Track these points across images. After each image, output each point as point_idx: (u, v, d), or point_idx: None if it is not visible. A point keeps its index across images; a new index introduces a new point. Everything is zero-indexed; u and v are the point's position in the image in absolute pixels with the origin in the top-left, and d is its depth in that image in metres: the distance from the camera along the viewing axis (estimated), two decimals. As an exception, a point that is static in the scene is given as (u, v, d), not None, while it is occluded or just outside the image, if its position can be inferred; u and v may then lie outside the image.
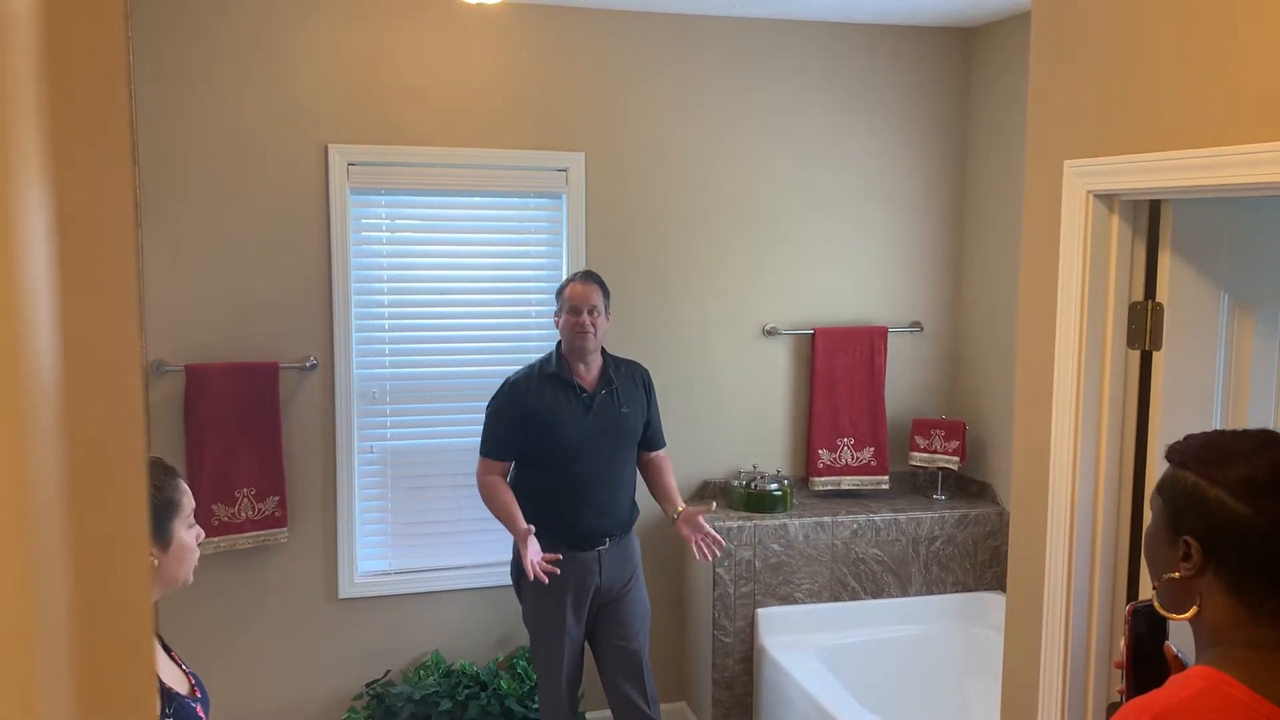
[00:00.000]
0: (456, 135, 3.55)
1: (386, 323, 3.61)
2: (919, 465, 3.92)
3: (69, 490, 0.37)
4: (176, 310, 3.36)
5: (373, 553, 3.67)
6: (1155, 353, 2.00)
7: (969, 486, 3.98)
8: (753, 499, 3.66)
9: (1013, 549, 2.25)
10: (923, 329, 4.03)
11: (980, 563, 3.79)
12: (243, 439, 3.38)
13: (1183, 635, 1.35)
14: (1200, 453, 1.27)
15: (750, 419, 3.90)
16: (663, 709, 3.62)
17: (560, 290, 3.19)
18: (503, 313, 3.69)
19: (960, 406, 4.05)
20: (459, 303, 3.65)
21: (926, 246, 4.01)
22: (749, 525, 3.55)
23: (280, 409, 3.43)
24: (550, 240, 3.72)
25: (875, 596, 3.69)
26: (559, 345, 3.21)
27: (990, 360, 3.89)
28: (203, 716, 1.74)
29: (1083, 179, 2.00)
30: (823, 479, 3.88)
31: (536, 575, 2.94)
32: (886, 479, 3.91)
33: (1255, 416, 2.02)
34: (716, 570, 3.54)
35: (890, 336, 3.94)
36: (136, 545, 0.43)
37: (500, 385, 3.22)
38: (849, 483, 3.89)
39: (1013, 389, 2.29)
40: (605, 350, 3.25)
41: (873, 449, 3.90)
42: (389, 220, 3.60)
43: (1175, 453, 1.32)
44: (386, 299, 3.59)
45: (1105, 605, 2.06)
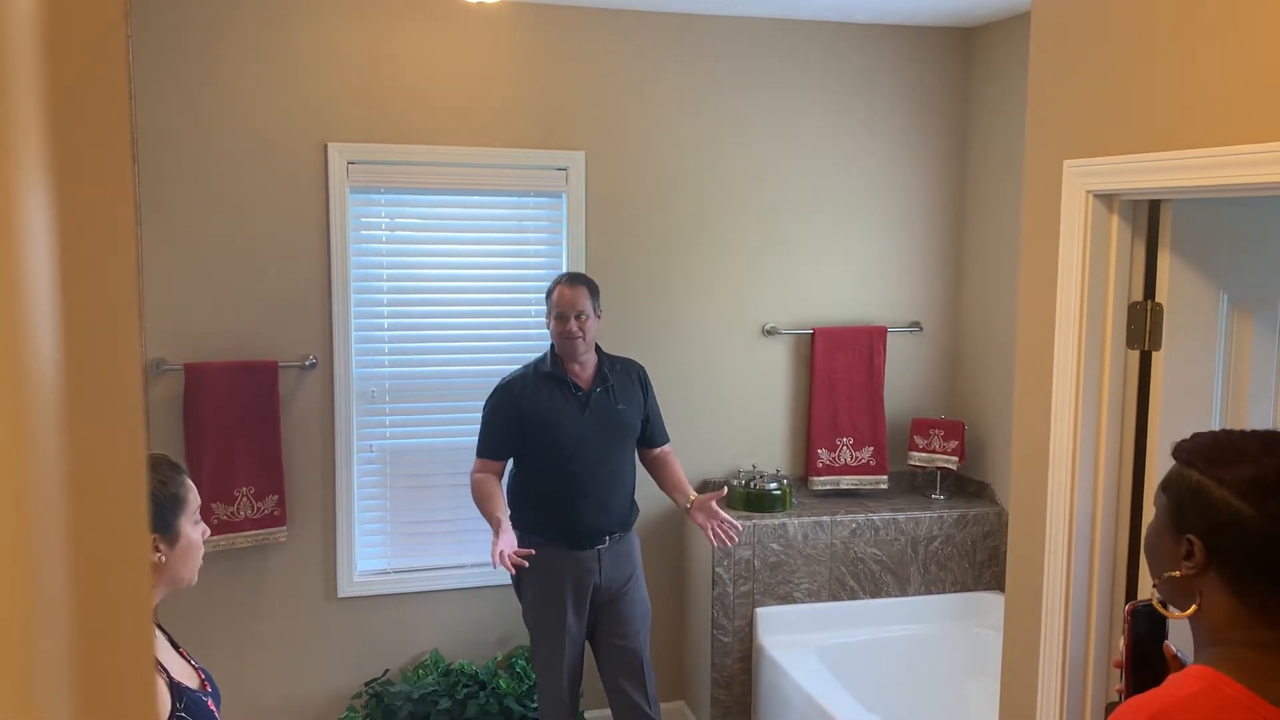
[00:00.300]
0: (456, 134, 3.54)
1: (386, 321, 3.61)
2: (918, 465, 3.92)
3: (68, 489, 0.37)
4: (176, 309, 3.35)
5: (372, 552, 3.67)
6: (1155, 353, 2.00)
7: (968, 486, 3.98)
8: (752, 498, 3.66)
9: (1011, 549, 2.25)
10: (922, 329, 4.03)
11: (979, 562, 3.79)
12: (242, 438, 3.38)
13: (1182, 635, 1.35)
14: (1207, 451, 1.27)
15: (749, 418, 3.90)
16: (661, 708, 3.62)
17: (549, 293, 3.18)
18: (502, 312, 3.69)
19: (959, 406, 4.05)
20: (459, 302, 3.65)
21: (926, 246, 4.01)
22: (748, 525, 3.55)
23: (279, 408, 3.43)
24: (550, 239, 3.72)
25: (874, 596, 3.69)
26: (553, 344, 3.21)
27: (989, 360, 3.89)
28: (215, 710, 1.72)
29: (1082, 179, 2.00)
30: (822, 479, 3.88)
31: (504, 566, 2.93)
32: (885, 479, 3.91)
33: (1255, 417, 2.02)
34: (715, 570, 3.54)
35: (890, 336, 3.94)
36: (136, 544, 0.43)
37: (496, 385, 3.22)
38: (848, 482, 3.89)
39: (1012, 389, 2.29)
40: (600, 348, 3.25)
41: (872, 449, 3.90)
42: (389, 219, 3.60)
43: (1181, 450, 1.31)
44: (386, 298, 3.59)
45: (1104, 605, 2.06)
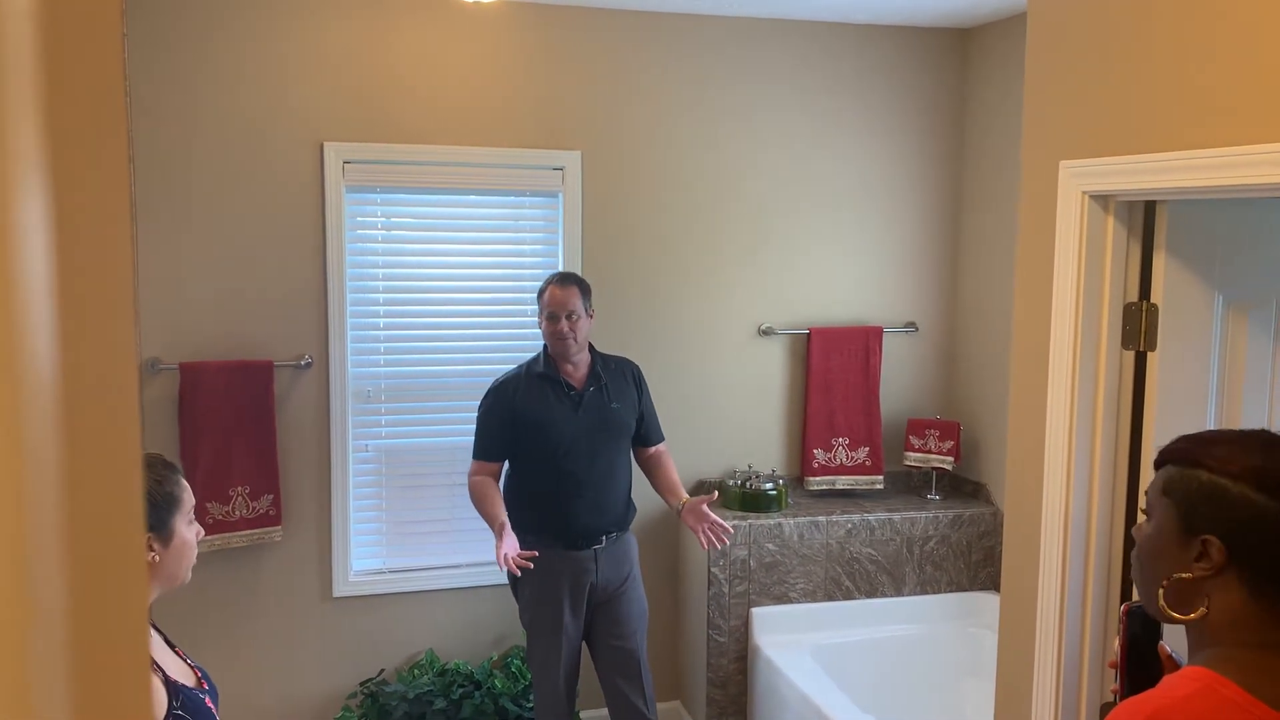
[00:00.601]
0: (452, 133, 3.54)
1: (381, 321, 3.60)
2: (913, 465, 3.93)
3: (63, 487, 0.37)
4: (171, 308, 3.35)
5: (367, 551, 3.67)
6: (1150, 353, 2.00)
7: (963, 486, 3.99)
8: (748, 498, 3.67)
9: (1007, 549, 2.25)
10: (918, 329, 4.03)
11: (974, 563, 3.79)
12: (237, 437, 3.38)
13: (1176, 635, 1.35)
14: (1212, 450, 1.26)
15: (745, 419, 3.90)
16: (658, 708, 3.62)
17: (540, 293, 3.18)
18: (498, 311, 3.69)
19: (955, 407, 4.05)
20: (454, 301, 3.65)
21: (922, 246, 4.01)
22: (744, 525, 3.55)
23: (275, 407, 3.43)
24: (546, 239, 3.72)
25: (869, 596, 3.70)
26: (546, 344, 3.21)
27: (985, 361, 3.89)
28: (212, 708, 1.72)
29: (1078, 179, 2.00)
30: (817, 479, 3.88)
31: (509, 568, 2.95)
32: (881, 479, 3.91)
33: (1249, 417, 2.03)
34: (711, 570, 3.54)
35: (885, 336, 3.94)
36: (131, 544, 0.43)
37: (490, 386, 3.22)
38: (844, 482, 3.90)
39: (1007, 389, 2.30)
40: (594, 347, 3.25)
41: (867, 449, 3.91)
42: (384, 218, 3.60)
43: (1176, 453, 1.30)
44: (381, 297, 3.59)
45: (1099, 605, 2.06)
